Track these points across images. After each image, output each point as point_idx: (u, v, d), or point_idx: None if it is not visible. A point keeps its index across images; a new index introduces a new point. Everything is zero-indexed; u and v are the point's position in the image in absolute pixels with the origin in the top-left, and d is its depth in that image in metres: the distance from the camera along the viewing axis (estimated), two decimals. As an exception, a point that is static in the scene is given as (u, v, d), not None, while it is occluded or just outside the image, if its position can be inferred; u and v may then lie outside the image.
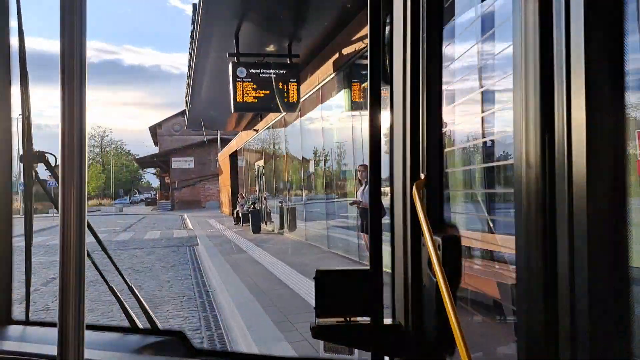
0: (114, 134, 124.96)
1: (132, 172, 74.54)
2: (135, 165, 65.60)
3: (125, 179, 73.80)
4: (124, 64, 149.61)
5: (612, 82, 0.59)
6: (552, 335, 0.64)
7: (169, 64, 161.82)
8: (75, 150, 0.71)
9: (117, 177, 69.80)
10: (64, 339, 0.71)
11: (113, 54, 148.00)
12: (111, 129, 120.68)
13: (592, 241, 0.58)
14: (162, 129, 53.67)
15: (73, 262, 0.71)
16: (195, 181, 42.87)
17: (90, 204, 53.05)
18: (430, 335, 1.01)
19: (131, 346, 1.34)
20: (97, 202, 54.13)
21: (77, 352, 0.71)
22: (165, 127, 53.47)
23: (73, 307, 0.71)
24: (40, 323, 1.52)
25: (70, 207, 0.71)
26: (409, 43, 1.06)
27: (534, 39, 0.66)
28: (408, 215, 1.07)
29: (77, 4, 0.71)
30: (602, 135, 0.58)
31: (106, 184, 66.19)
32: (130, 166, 71.24)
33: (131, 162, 66.32)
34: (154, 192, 65.20)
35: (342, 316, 1.08)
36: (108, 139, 72.69)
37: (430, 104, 1.05)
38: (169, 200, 43.80)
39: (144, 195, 74.41)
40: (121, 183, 72.36)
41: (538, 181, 0.66)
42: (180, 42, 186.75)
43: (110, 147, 72.18)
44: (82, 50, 0.72)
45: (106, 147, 71.47)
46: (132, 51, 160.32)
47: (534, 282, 0.67)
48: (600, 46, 0.58)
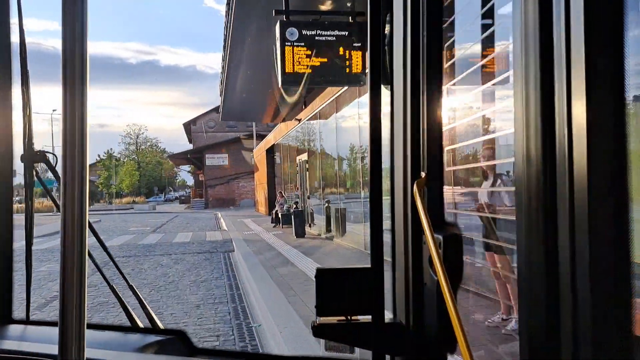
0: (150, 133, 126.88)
1: (167, 170, 74.24)
2: (170, 163, 65.23)
3: (160, 177, 73.58)
4: (161, 65, 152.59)
5: (613, 79, 0.58)
6: (554, 333, 0.64)
7: (204, 63, 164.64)
8: (76, 149, 0.71)
9: (152, 175, 69.60)
10: (65, 338, 0.71)
11: (150, 54, 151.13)
12: (146, 127, 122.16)
13: (594, 239, 0.59)
14: (196, 125, 53.04)
15: (74, 261, 0.71)
16: (229, 178, 41.40)
17: (124, 202, 53.55)
18: (432, 333, 1.01)
19: (132, 345, 1.33)
20: (130, 200, 53.47)
21: (78, 351, 0.71)
22: (200, 123, 52.80)
23: (74, 306, 0.70)
24: (40, 322, 1.55)
25: (72, 207, 0.71)
26: (409, 41, 1.07)
27: (534, 36, 0.67)
28: (409, 214, 1.07)
29: (79, 2, 0.71)
30: (602, 133, 0.58)
31: (141, 182, 66.00)
32: (165, 164, 70.84)
33: (166, 160, 65.83)
34: (189, 190, 64.87)
35: (343, 315, 1.08)
36: (143, 137, 72.39)
37: (431, 103, 1.05)
38: (203, 199, 42.56)
39: (179, 193, 74.58)
40: (156, 181, 72.25)
41: (539, 179, 0.66)
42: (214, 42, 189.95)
43: (146, 145, 71.89)
44: (84, 48, 0.72)
45: (141, 145, 71.21)
46: (169, 52, 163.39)
47: (536, 281, 0.67)
48: (600, 43, 0.58)
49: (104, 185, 59.06)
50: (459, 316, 0.80)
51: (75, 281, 0.70)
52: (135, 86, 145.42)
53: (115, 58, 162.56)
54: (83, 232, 0.71)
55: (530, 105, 0.67)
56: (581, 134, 0.59)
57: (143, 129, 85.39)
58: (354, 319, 1.08)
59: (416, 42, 1.05)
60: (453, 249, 0.97)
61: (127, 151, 68.56)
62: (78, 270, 0.70)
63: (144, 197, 61.88)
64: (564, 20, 0.61)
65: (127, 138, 69.61)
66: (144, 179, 67.06)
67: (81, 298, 0.71)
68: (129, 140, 69.64)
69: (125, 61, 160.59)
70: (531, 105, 0.67)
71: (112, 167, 60.10)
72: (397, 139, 1.11)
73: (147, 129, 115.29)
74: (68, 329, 0.70)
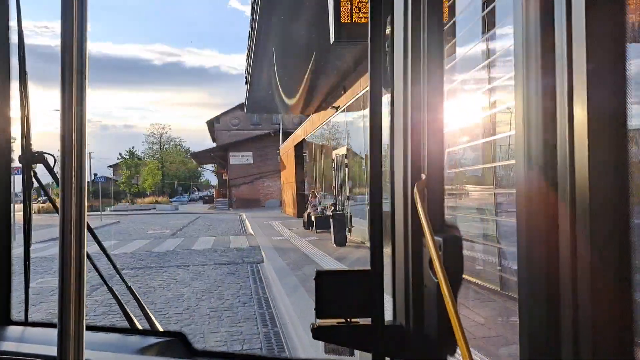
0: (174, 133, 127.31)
1: (191, 170, 73.16)
2: (194, 162, 64.08)
3: (184, 177, 72.55)
4: (186, 66, 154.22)
5: (614, 80, 0.59)
6: (554, 334, 0.64)
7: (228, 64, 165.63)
8: (74, 150, 0.71)
9: (176, 175, 68.57)
10: (64, 340, 0.70)
11: (176, 56, 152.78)
12: (170, 126, 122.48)
13: (594, 239, 0.59)
14: (219, 123, 51.64)
15: (73, 263, 0.70)
16: (254, 178, 39.52)
17: (146, 202, 52.29)
18: (432, 335, 1.02)
19: (131, 347, 1.32)
20: (153, 200, 52.11)
21: (77, 353, 0.71)
22: (223, 121, 51.40)
23: (73, 308, 0.70)
24: (39, 324, 1.52)
25: (70, 208, 0.70)
26: (410, 43, 1.07)
27: (536, 37, 0.67)
28: (409, 216, 1.07)
29: (78, 2, 0.71)
30: (604, 133, 0.58)
31: (164, 182, 65.01)
32: (189, 163, 69.72)
33: (190, 159, 64.68)
34: (212, 189, 63.83)
35: (342, 317, 1.08)
36: (167, 136, 71.36)
37: (432, 105, 1.04)
38: (226, 199, 40.79)
39: (203, 193, 73.75)
40: (180, 180, 71.29)
41: (540, 180, 0.66)
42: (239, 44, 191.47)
43: (169, 145, 70.84)
44: (83, 48, 0.71)
45: (165, 145, 70.19)
46: (194, 53, 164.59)
47: (536, 282, 0.67)
48: (601, 44, 0.58)
49: (126, 185, 58.04)
50: (459, 318, 0.80)
51: (73, 282, 0.70)
52: (161, 87, 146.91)
53: (140, 60, 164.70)
54: (82, 234, 0.71)
55: (531, 105, 0.67)
56: (582, 134, 0.59)
57: (167, 128, 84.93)
58: (354, 321, 1.07)
59: (417, 42, 1.05)
60: (453, 251, 0.97)
61: (150, 150, 67.63)
62: (77, 272, 0.70)
63: (167, 197, 60.76)
64: (566, 21, 0.61)
65: (151, 137, 68.72)
66: (168, 179, 66.10)
67: (80, 299, 0.71)
68: (152, 139, 68.73)
69: (150, 63, 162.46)
70: (532, 105, 0.67)
71: (134, 166, 59.11)
72: (398, 140, 1.12)
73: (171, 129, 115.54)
74: (67, 330, 0.70)
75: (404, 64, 1.07)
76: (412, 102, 1.06)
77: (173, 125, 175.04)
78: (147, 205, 46.37)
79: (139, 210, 42.13)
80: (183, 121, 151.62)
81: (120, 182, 59.07)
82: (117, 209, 43.44)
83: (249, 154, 39.89)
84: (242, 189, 39.75)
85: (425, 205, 1.00)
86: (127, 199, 54.46)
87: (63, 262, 0.69)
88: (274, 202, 38.67)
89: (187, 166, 70.59)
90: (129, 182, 57.83)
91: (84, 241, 0.71)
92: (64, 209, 0.70)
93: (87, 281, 0.71)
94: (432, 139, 1.03)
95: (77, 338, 0.70)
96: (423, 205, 0.97)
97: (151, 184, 58.09)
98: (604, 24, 0.58)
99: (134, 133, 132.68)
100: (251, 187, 39.81)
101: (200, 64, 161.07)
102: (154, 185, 59.24)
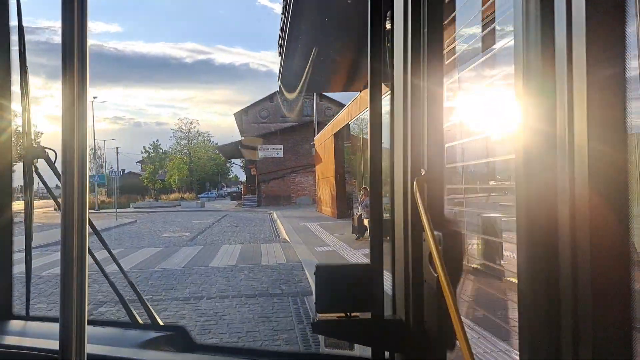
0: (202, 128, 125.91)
1: (219, 165, 70.73)
2: (223, 158, 61.54)
3: (212, 172, 70.22)
4: (216, 64, 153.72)
5: (614, 78, 0.58)
6: (554, 332, 0.64)
7: (257, 62, 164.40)
8: (76, 145, 0.71)
9: (204, 170, 66.24)
10: (66, 334, 0.71)
11: (206, 54, 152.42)
12: (198, 121, 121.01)
13: (594, 238, 0.58)
14: (248, 115, 48.76)
15: (75, 257, 0.71)
16: (284, 173, 36.24)
17: (171, 198, 49.85)
18: (431, 330, 1.01)
19: (132, 341, 1.32)
20: (178, 196, 49.54)
21: (79, 347, 0.71)
22: (252, 113, 48.53)
23: (75, 303, 0.71)
24: (40, 318, 1.54)
25: (72, 203, 0.71)
26: (410, 38, 1.05)
27: (536, 34, 0.66)
28: (409, 211, 1.06)
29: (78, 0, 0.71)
30: (603, 131, 0.58)
31: (192, 177, 62.72)
32: (217, 159, 67.25)
33: (218, 154, 62.16)
34: (241, 185, 61.48)
35: (342, 311, 1.06)
36: (195, 131, 68.96)
37: (431, 100, 1.03)
38: (255, 195, 37.65)
39: (231, 189, 71.63)
40: (208, 176, 69.02)
41: (539, 177, 0.66)
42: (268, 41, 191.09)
43: (197, 140, 68.44)
44: (84, 44, 0.71)
45: (193, 139, 67.82)
46: (224, 51, 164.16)
47: (536, 280, 0.66)
48: (602, 42, 0.58)
49: (149, 180, 55.70)
50: (459, 313, 0.79)
51: (75, 277, 0.70)
52: (191, 85, 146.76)
53: (171, 58, 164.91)
54: (83, 229, 0.71)
55: (531, 103, 0.67)
56: (582, 132, 0.59)
57: (195, 123, 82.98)
58: (354, 316, 1.06)
59: (417, 38, 1.03)
60: (453, 246, 0.95)
61: (178, 146, 65.46)
62: (78, 266, 0.71)
63: (194, 193, 58.32)
64: (566, 19, 0.61)
65: (178, 132, 66.55)
66: (196, 175, 63.82)
67: (82, 294, 0.71)
68: (180, 134, 66.52)
69: (181, 61, 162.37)
70: (532, 103, 0.67)
71: (158, 160, 56.75)
72: (398, 136, 1.10)
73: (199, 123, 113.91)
74: (69, 324, 0.71)
75: (404, 58, 1.06)
76: (412, 97, 1.04)
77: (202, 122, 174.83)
78: (172, 202, 43.88)
79: (162, 208, 39.47)
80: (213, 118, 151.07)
81: (144, 178, 56.87)
82: (140, 205, 40.99)
83: (279, 147, 36.66)
84: (272, 184, 36.61)
85: (425, 200, 0.99)
86: (151, 195, 52.08)
87: (65, 256, 0.70)
88: (305, 199, 35.54)
89: (215, 161, 68.26)
90: (153, 177, 55.46)
91: (85, 236, 0.72)
92: (65, 204, 0.70)
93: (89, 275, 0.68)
94: (432, 135, 1.02)
95: (79, 332, 0.71)
96: (423, 201, 0.97)
97: (177, 179, 55.51)
98: (604, 21, 0.57)
99: (165, 130, 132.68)
100: (282, 183, 36.63)
101: (230, 61, 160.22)
102: (180, 181, 56.70)
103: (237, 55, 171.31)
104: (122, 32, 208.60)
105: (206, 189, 68.61)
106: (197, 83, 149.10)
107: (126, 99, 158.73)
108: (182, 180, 57.28)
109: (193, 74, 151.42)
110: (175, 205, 41.36)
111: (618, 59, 0.57)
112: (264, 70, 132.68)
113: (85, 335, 0.71)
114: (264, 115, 47.79)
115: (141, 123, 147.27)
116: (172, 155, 59.13)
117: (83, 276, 0.71)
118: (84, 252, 0.71)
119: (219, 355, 1.28)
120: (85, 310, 0.71)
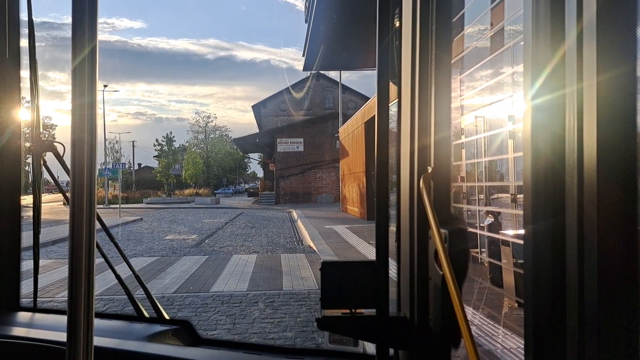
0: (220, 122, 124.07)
1: (237, 161, 68.55)
2: (240, 153, 59.23)
3: (229, 168, 68.09)
4: (237, 60, 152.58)
5: (624, 77, 0.58)
6: (560, 330, 0.64)
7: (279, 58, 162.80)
8: (85, 139, 0.72)
9: (221, 165, 64.13)
10: (73, 326, 0.72)
11: (228, 50, 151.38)
12: (215, 115, 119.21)
13: (601, 236, 0.58)
14: (267, 108, 46.27)
15: (83, 251, 0.72)
16: (305, 168, 33.60)
17: (185, 194, 47.70)
18: (436, 327, 1.00)
19: (138, 334, 1.34)
20: (193, 192, 47.35)
21: (87, 339, 0.72)
22: (271, 105, 46.09)
23: (83, 295, 0.72)
24: (47, 310, 1.56)
25: (81, 197, 0.72)
26: (418, 36, 1.06)
27: (545, 31, 0.66)
28: (415, 208, 1.06)
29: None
30: (613, 129, 0.58)
31: (209, 172, 60.60)
32: (235, 154, 65.05)
33: (235, 149, 59.91)
34: (258, 181, 59.18)
35: (347, 308, 1.07)
36: (212, 125, 66.84)
37: (439, 97, 1.04)
38: (273, 192, 35.15)
39: (249, 184, 69.61)
40: (225, 172, 66.94)
41: (547, 175, 0.66)
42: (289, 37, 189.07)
43: (215, 134, 66.31)
44: (94, 39, 0.72)
45: (210, 134, 65.69)
46: (245, 47, 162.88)
47: (542, 277, 0.67)
48: (612, 40, 0.58)
49: (163, 175, 53.64)
50: (464, 310, 0.80)
51: (83, 271, 0.71)
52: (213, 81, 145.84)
53: (193, 54, 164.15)
54: (92, 223, 0.72)
55: (540, 100, 0.67)
56: (591, 130, 0.59)
57: (212, 117, 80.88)
58: (359, 312, 1.06)
59: (425, 35, 1.04)
60: (459, 244, 0.95)
61: (195, 140, 63.42)
62: (86, 260, 0.72)
63: (210, 188, 56.15)
64: (576, 18, 0.61)
65: (196, 126, 64.49)
66: (213, 170, 61.70)
67: (89, 287, 0.72)
68: (197, 128, 64.45)
69: (203, 57, 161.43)
70: (541, 100, 0.66)
71: (172, 154, 54.64)
72: (405, 133, 1.11)
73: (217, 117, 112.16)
74: (77, 317, 0.71)
75: (412, 56, 1.07)
76: (419, 95, 1.05)
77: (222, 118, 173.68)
78: (185, 198, 41.66)
79: (174, 203, 37.21)
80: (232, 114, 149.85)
81: (157, 172, 54.87)
82: (151, 201, 38.82)
83: (299, 141, 34.06)
84: (291, 181, 34.04)
85: (431, 197, 1.00)
86: (164, 190, 50.00)
87: (73, 250, 0.71)
88: (327, 196, 32.90)
89: (233, 157, 66.06)
90: (166, 171, 53.36)
91: (93, 230, 0.73)
92: (74, 197, 0.71)
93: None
94: (439, 132, 1.02)
95: (87, 324, 0.72)
96: (429, 198, 0.97)
97: (192, 174, 53.33)
98: (615, 19, 0.57)
99: (186, 126, 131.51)
100: (302, 179, 34.03)
101: (251, 58, 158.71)
102: (196, 176, 54.53)
103: (258, 52, 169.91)
104: (145, 29, 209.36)
105: (223, 184, 66.64)
106: (219, 79, 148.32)
107: (148, 95, 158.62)
108: (198, 176, 55.11)
109: (215, 71, 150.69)
110: (188, 201, 39.16)
111: (629, 58, 0.57)
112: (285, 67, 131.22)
113: (93, 328, 0.72)
114: (284, 108, 45.36)
115: (163, 119, 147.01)
116: (189, 149, 57.05)
117: (91, 269, 0.72)
118: (92, 246, 0.72)
119: (224, 349, 1.30)
120: (93, 303, 0.72)
